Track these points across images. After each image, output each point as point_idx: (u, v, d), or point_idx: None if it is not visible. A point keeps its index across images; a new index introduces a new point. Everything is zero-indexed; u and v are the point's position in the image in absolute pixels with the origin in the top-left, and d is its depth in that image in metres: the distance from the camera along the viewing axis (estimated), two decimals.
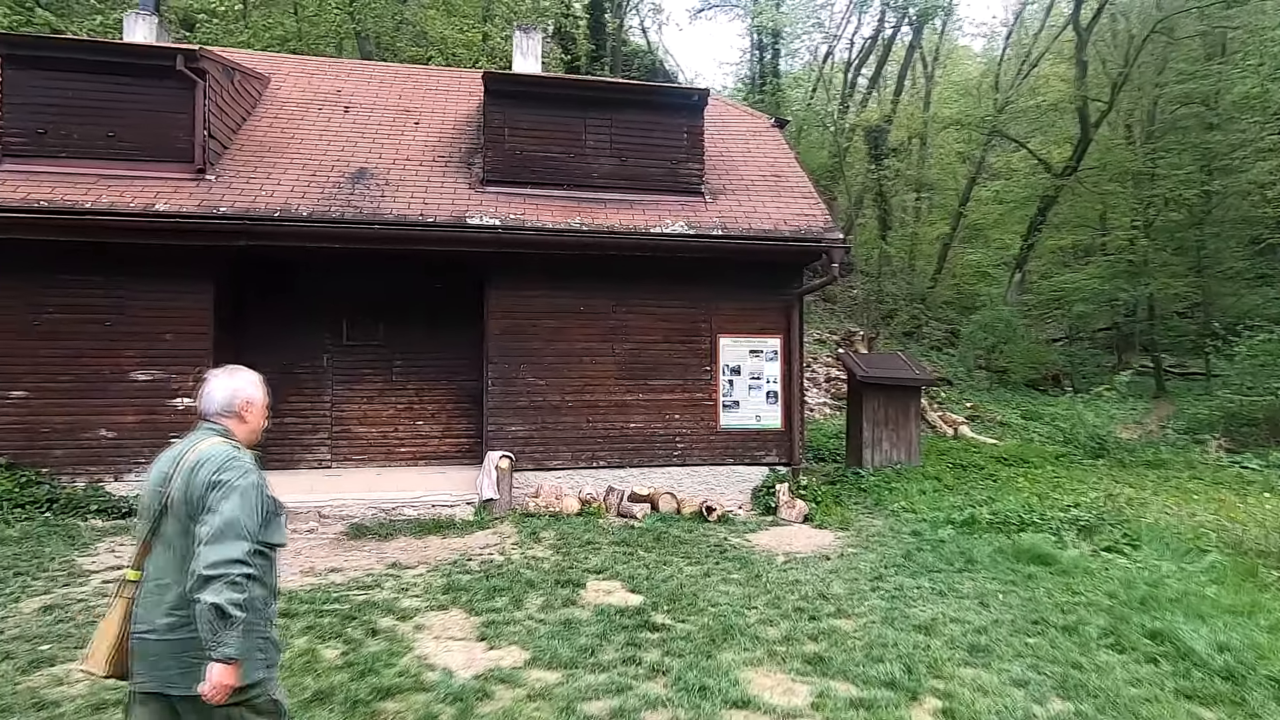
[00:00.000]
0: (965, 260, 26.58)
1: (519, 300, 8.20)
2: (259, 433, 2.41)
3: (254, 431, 2.40)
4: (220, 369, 2.42)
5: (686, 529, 7.45)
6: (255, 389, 2.41)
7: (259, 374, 2.45)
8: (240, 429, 2.34)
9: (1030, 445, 14.72)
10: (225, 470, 2.13)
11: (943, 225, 27.59)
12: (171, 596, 2.13)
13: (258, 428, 2.41)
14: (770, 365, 8.76)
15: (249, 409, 2.36)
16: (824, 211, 8.70)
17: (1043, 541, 6.75)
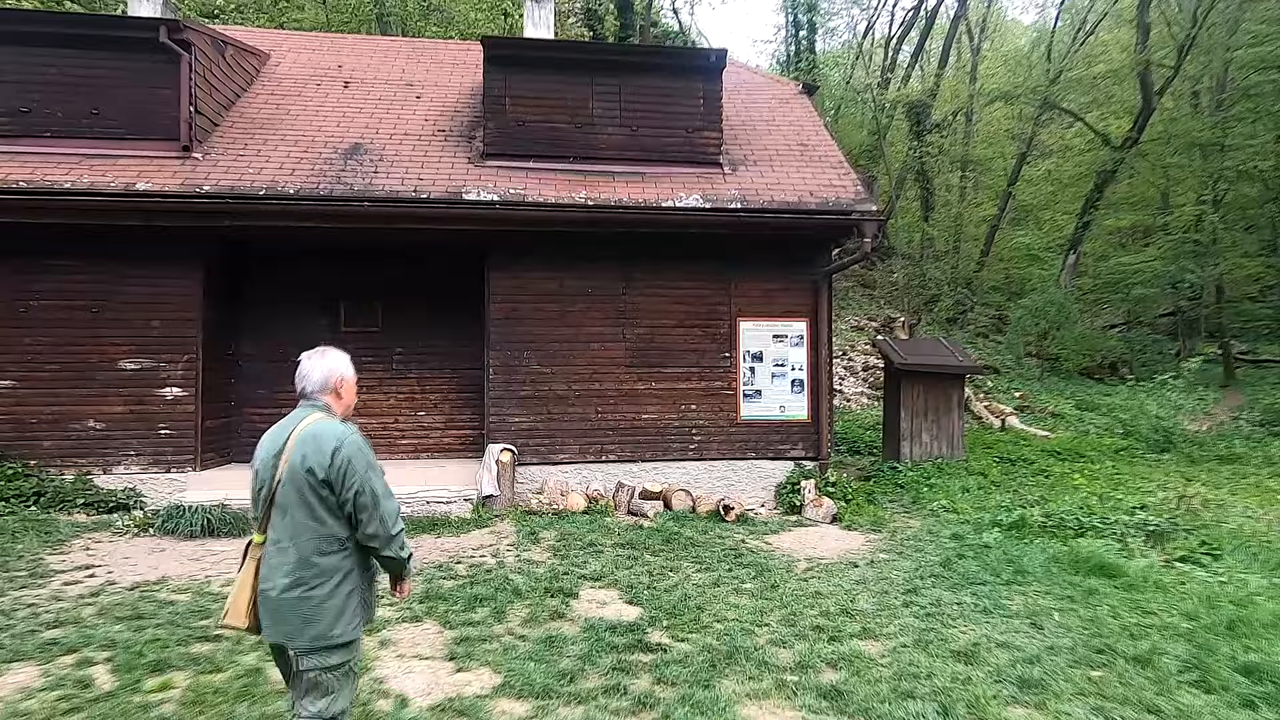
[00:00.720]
0: (1014, 243, 25.12)
1: (521, 282, 7.64)
2: (352, 407, 2.62)
3: (348, 406, 2.60)
4: (312, 351, 2.58)
5: (700, 530, 6.83)
6: (348, 367, 2.60)
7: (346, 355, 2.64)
8: (338, 404, 2.54)
9: (1086, 438, 13.64)
10: (348, 449, 2.35)
11: (990, 206, 26.14)
12: (290, 558, 2.34)
13: (351, 403, 2.61)
14: (795, 351, 8.05)
15: (344, 385, 2.56)
16: (855, 182, 7.92)
17: (1105, 549, 5.93)
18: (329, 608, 2.35)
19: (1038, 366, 20.53)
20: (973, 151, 25.98)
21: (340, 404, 2.56)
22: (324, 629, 2.34)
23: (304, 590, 2.33)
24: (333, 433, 2.37)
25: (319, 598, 2.33)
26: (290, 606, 2.33)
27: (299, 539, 2.33)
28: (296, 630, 2.33)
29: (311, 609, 2.32)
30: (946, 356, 10.92)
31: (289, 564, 2.34)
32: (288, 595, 2.33)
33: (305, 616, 2.32)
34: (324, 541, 2.35)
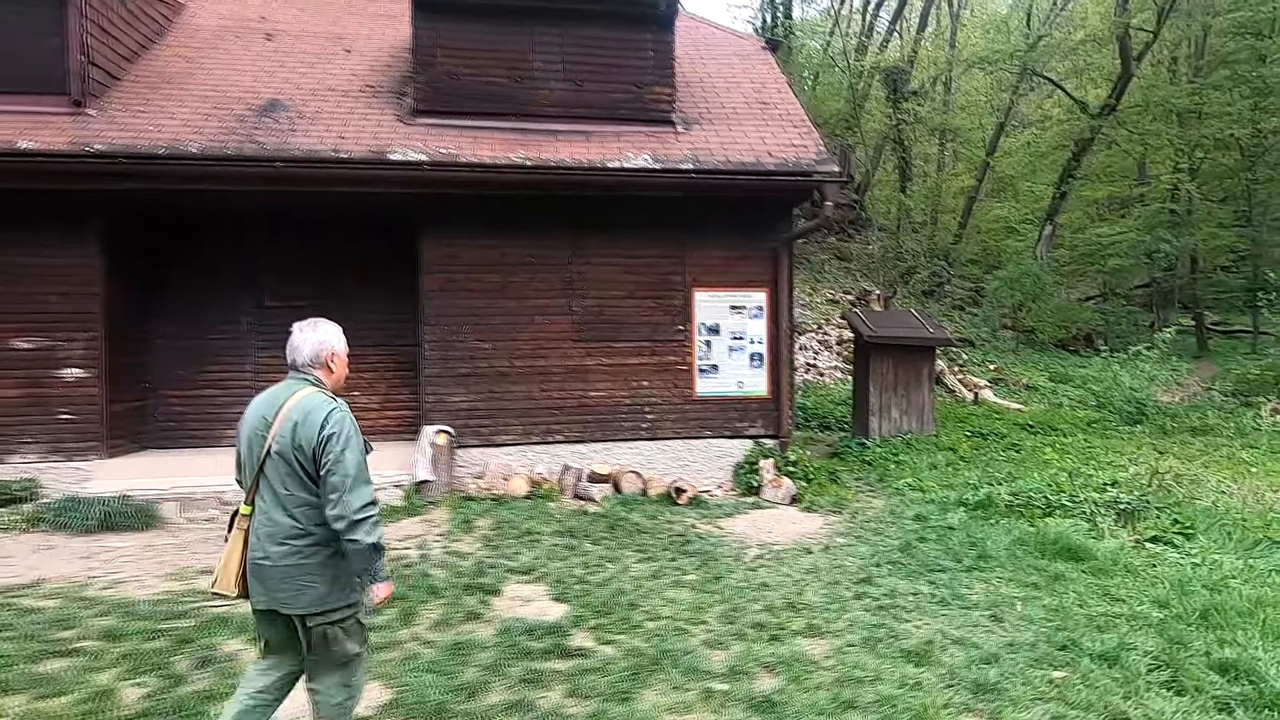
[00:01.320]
0: (992, 215, 24.80)
1: (457, 251, 7.08)
2: (343, 380, 2.58)
3: (339, 380, 2.57)
4: (304, 323, 2.54)
5: (649, 514, 6.39)
6: (339, 341, 2.56)
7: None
8: (328, 378, 2.52)
9: (1059, 411, 13.42)
10: (332, 422, 2.33)
11: (968, 177, 25.75)
12: (284, 527, 2.34)
13: (342, 376, 2.58)
14: (755, 323, 7.58)
15: (335, 359, 2.53)
16: (817, 142, 7.40)
17: (1073, 530, 5.59)
18: (325, 574, 2.37)
19: (1013, 339, 20.34)
20: (951, 120, 25.51)
21: (331, 378, 2.54)
22: (316, 597, 2.36)
23: (299, 558, 2.34)
24: (323, 408, 2.37)
25: (313, 565, 2.35)
26: (285, 574, 2.34)
27: (292, 509, 2.35)
28: (292, 597, 2.35)
29: (306, 575, 2.34)
30: (917, 328, 10.53)
31: (282, 533, 2.34)
32: (283, 564, 2.33)
33: (301, 583, 2.34)
34: (318, 511, 2.34)
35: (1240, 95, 19.23)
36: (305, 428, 2.33)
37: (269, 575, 2.35)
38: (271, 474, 2.36)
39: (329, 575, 2.38)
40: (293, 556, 2.34)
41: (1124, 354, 13.33)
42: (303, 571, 2.34)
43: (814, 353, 18.00)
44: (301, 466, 2.34)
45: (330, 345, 2.53)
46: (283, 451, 2.34)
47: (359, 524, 2.30)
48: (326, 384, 2.51)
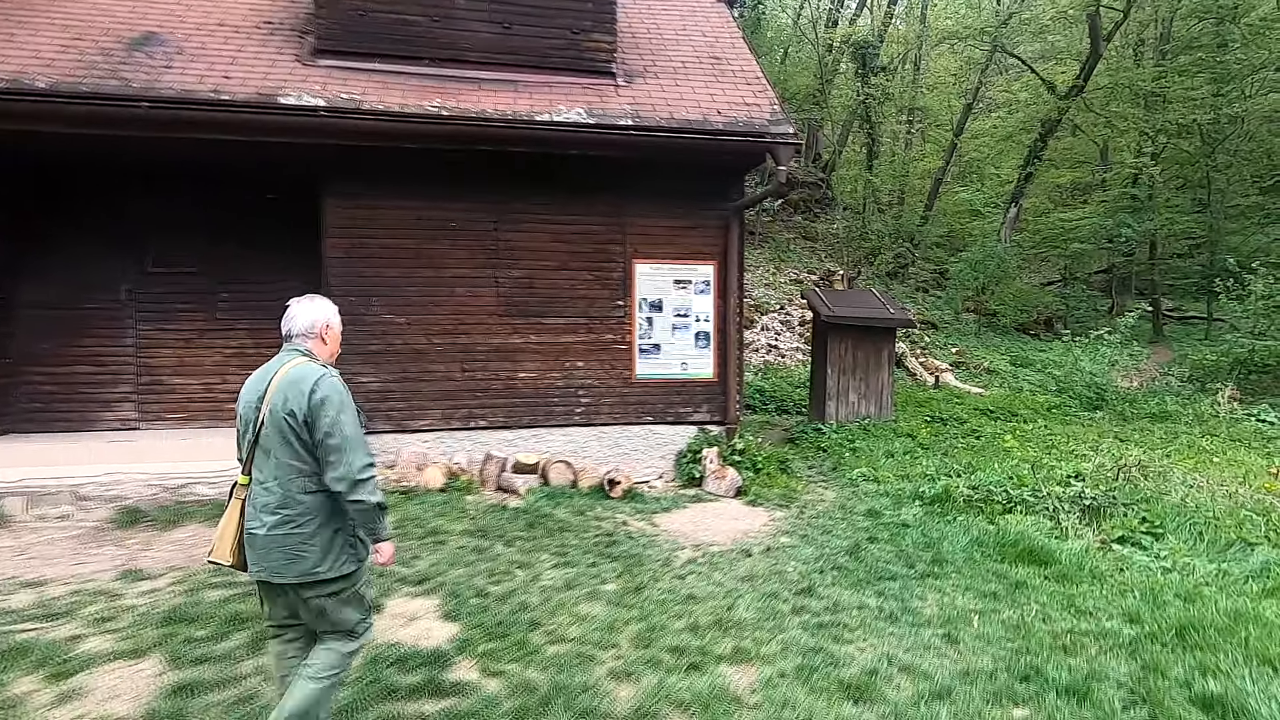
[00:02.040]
0: (958, 198, 24.54)
1: (367, 213, 6.27)
2: (336, 355, 2.65)
3: (333, 354, 2.64)
4: (301, 296, 2.59)
5: (577, 509, 5.76)
6: (334, 315, 2.63)
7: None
8: (322, 350, 2.57)
9: (1020, 395, 13.14)
10: (323, 388, 2.37)
11: (935, 159, 25.44)
12: (276, 497, 2.37)
13: (335, 351, 2.65)
14: (701, 299, 6.94)
15: (329, 332, 2.60)
16: (772, 101, 6.73)
17: (1035, 529, 5.12)
18: (315, 544, 2.38)
19: (975, 322, 20.14)
20: (920, 99, 25.09)
21: (324, 350, 2.58)
22: (311, 565, 2.37)
23: (291, 528, 2.36)
24: (312, 376, 2.40)
25: (304, 535, 2.37)
26: (277, 543, 2.36)
27: (284, 479, 2.37)
28: (284, 566, 2.36)
29: (297, 545, 2.36)
30: (877, 308, 10.03)
31: (274, 503, 2.36)
32: (275, 533, 2.36)
33: (292, 553, 2.36)
34: (309, 480, 2.38)
35: (1203, 80, 19.13)
36: (296, 396, 2.35)
37: (261, 544, 2.37)
38: (265, 444, 2.39)
39: (320, 545, 2.39)
40: (285, 525, 2.36)
41: (1085, 338, 13.09)
42: (295, 541, 2.35)
43: (775, 333, 17.55)
44: (295, 434, 2.36)
45: (325, 318, 2.57)
46: (275, 421, 2.36)
47: (362, 484, 2.34)
48: (319, 355, 2.54)
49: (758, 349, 16.79)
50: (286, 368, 2.43)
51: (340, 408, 2.37)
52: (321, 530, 2.39)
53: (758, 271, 19.77)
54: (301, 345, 2.52)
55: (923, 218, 23.97)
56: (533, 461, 6.28)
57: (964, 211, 25.23)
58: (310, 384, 2.36)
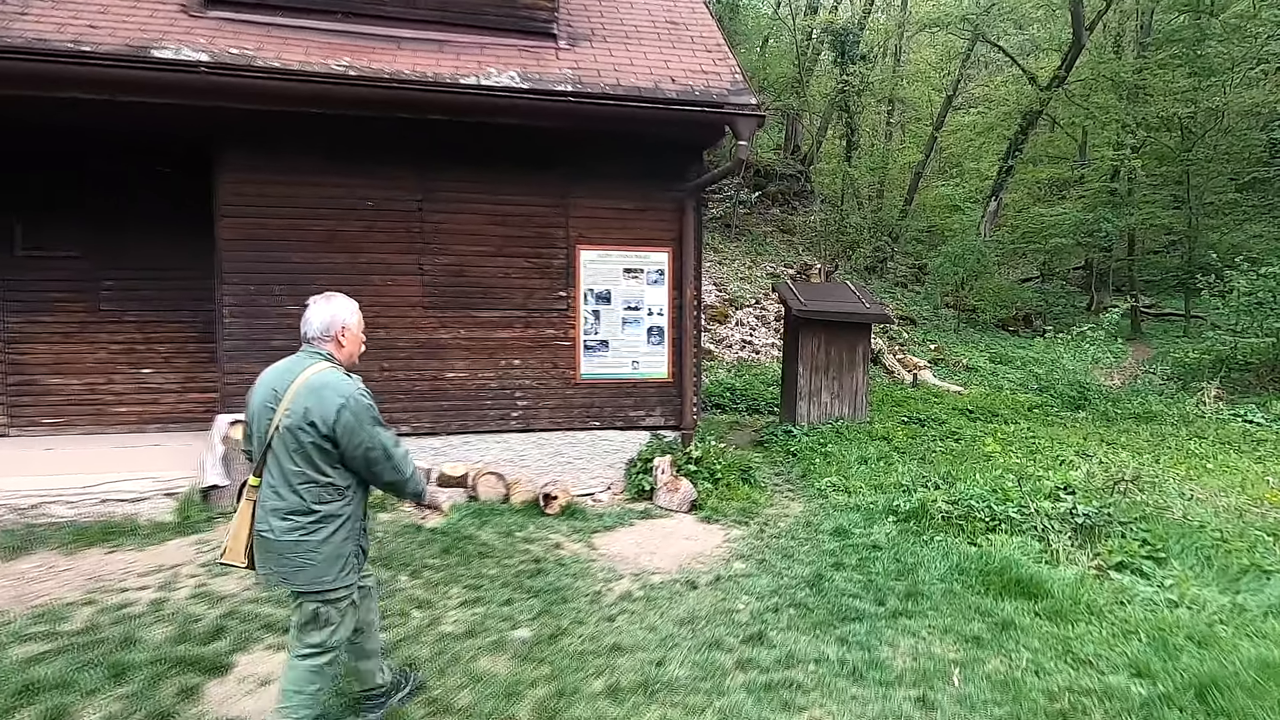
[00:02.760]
0: (938, 192, 24.11)
1: (268, 190, 5.48)
2: (356, 356, 2.57)
3: (351, 356, 2.55)
4: (319, 295, 2.52)
5: (505, 530, 5.03)
6: (351, 315, 2.53)
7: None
8: (339, 352, 2.50)
9: (1000, 394, 12.61)
10: (352, 407, 2.33)
11: (915, 153, 24.97)
12: (288, 503, 2.34)
13: (354, 353, 2.56)
14: (654, 290, 6.23)
15: (345, 334, 2.51)
16: (733, 69, 6.03)
17: (1023, 553, 4.49)
18: (324, 553, 2.35)
19: (955, 318, 19.71)
20: (900, 90, 24.58)
21: (342, 352, 2.50)
22: (318, 573, 2.36)
23: (301, 534, 2.32)
24: (337, 389, 2.33)
25: (314, 543, 2.34)
26: (287, 549, 2.33)
27: (297, 486, 2.33)
28: (291, 573, 2.35)
29: (306, 553, 2.33)
30: (852, 303, 9.40)
31: (285, 508, 2.32)
32: (285, 539, 2.33)
33: (300, 561, 2.34)
34: (324, 490, 2.35)
35: (1182, 74, 18.81)
36: (320, 407, 2.29)
37: (271, 549, 2.35)
38: (279, 449, 2.33)
39: (329, 554, 2.37)
40: (295, 532, 2.33)
41: (1067, 335, 12.61)
42: (303, 548, 2.33)
43: (750, 329, 16.98)
44: (316, 446, 2.31)
45: (341, 319, 2.49)
46: (292, 428, 2.30)
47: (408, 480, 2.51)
48: (339, 359, 2.47)
49: (731, 345, 16.20)
50: (308, 373, 2.35)
51: (374, 421, 2.38)
52: (332, 538, 2.37)
53: (733, 265, 19.17)
54: (320, 349, 2.44)
55: (902, 212, 23.51)
56: (459, 474, 5.54)
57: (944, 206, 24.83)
58: (337, 400, 2.30)
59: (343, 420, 2.29)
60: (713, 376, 13.20)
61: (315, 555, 2.34)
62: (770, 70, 23.49)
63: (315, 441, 2.30)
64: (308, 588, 2.35)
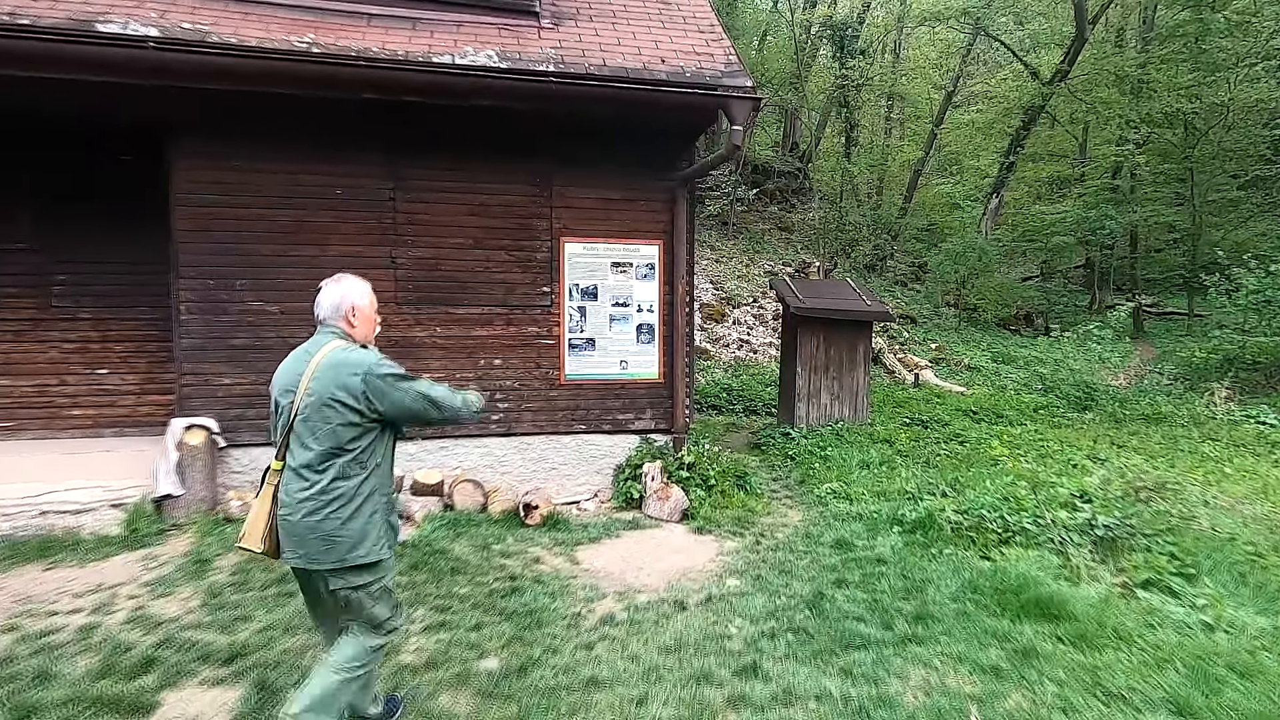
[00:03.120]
0: (938, 190, 23.77)
1: (228, 178, 5.11)
2: (371, 338, 2.55)
3: (366, 336, 2.52)
4: (330, 279, 2.52)
5: (481, 543, 4.67)
6: (361, 296, 2.51)
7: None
8: (353, 332, 2.47)
9: (1004, 395, 12.26)
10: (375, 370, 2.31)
11: (915, 150, 24.63)
12: (310, 483, 2.30)
13: (368, 333, 2.53)
14: (644, 286, 5.87)
15: (356, 313, 2.48)
16: (727, 50, 5.67)
17: (1041, 568, 4.13)
18: (351, 530, 2.32)
19: (955, 316, 19.37)
20: (899, 85, 24.25)
21: (356, 333, 2.48)
22: (346, 551, 2.32)
23: (328, 512, 2.29)
24: (354, 361, 2.33)
25: (340, 519, 2.31)
26: (312, 529, 2.29)
27: (320, 464, 2.30)
28: (320, 553, 2.31)
29: (333, 531, 2.30)
30: (853, 300, 9.04)
31: (309, 489, 2.29)
32: (309, 519, 2.29)
33: (327, 540, 2.30)
34: (347, 465, 2.32)
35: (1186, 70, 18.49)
36: (339, 383, 2.29)
37: (295, 530, 2.31)
38: (301, 429, 2.31)
39: (358, 530, 2.33)
40: (322, 510, 2.29)
41: (1073, 334, 12.27)
42: (333, 526, 2.29)
43: (748, 327, 16.66)
44: (344, 415, 2.29)
45: (350, 300, 2.47)
46: (318, 405, 2.29)
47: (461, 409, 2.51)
48: (354, 338, 2.46)
49: (728, 344, 15.88)
50: (325, 350, 2.35)
51: (397, 379, 2.35)
52: (359, 514, 2.33)
53: (730, 263, 18.87)
54: (335, 328, 2.44)
55: (902, 209, 23.18)
56: (434, 481, 5.18)
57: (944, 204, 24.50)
58: (357, 370, 2.30)
59: (373, 387, 2.29)
60: (709, 376, 12.86)
61: (344, 532, 2.30)
62: (769, 66, 23.15)
63: (341, 415, 2.28)
64: (339, 564, 2.30)
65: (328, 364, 2.32)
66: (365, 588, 2.38)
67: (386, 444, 2.45)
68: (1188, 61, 18.45)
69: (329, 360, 2.33)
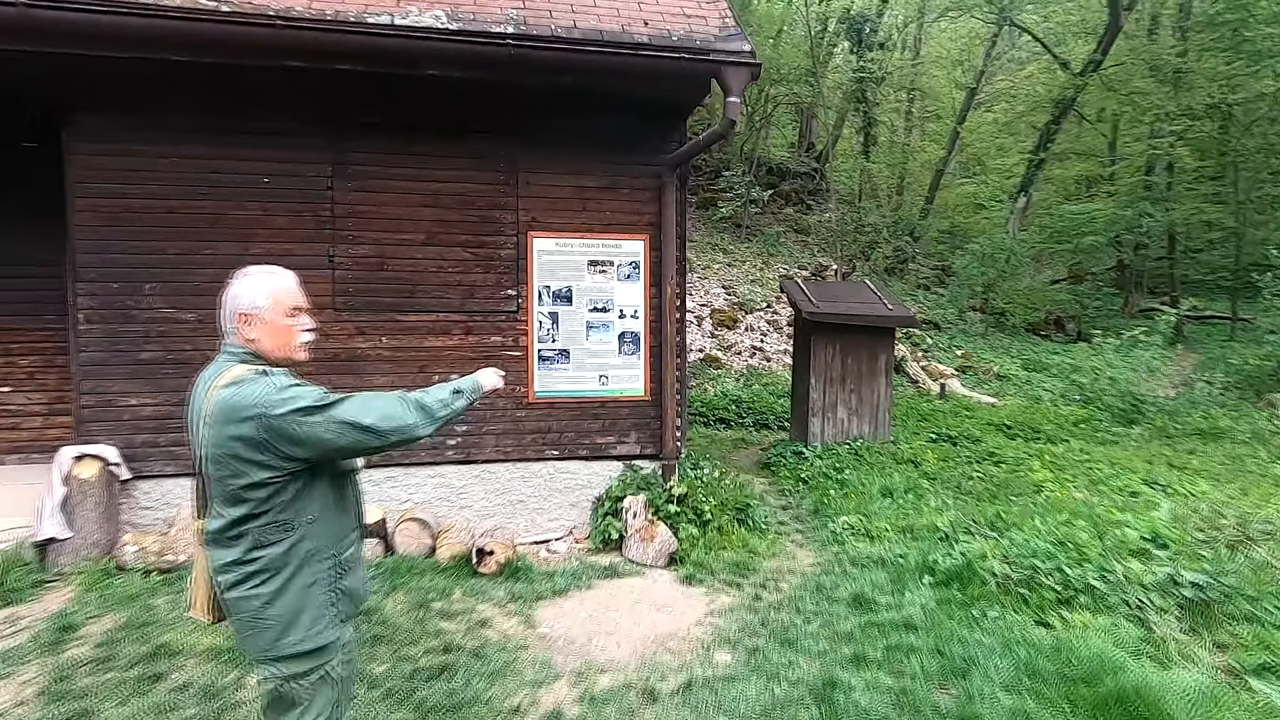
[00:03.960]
0: (961, 190, 22.75)
1: (134, 164, 4.38)
2: (290, 348, 1.86)
3: (281, 348, 1.85)
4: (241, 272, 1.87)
5: (420, 598, 3.85)
6: (258, 296, 1.82)
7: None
8: (256, 347, 1.83)
9: (1039, 407, 11.25)
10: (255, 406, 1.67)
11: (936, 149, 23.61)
12: (226, 550, 1.76)
13: (284, 343, 1.85)
14: (627, 288, 5.04)
15: (251, 324, 1.82)
16: (722, 12, 4.85)
17: (1118, 641, 3.22)
18: (277, 611, 1.74)
19: (981, 322, 18.31)
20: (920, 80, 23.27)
21: (259, 347, 1.82)
22: (273, 638, 1.74)
23: (247, 588, 1.74)
24: (245, 403, 1.69)
25: (262, 598, 1.73)
26: (233, 607, 1.76)
27: (230, 533, 1.75)
28: (243, 640, 1.79)
29: (254, 614, 1.74)
30: (872, 303, 8.14)
31: (225, 560, 1.75)
32: (230, 594, 1.76)
33: (250, 625, 1.75)
34: (263, 532, 1.73)
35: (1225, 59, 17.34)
36: (234, 427, 1.68)
37: (224, 607, 1.80)
38: (212, 485, 1.77)
39: (283, 615, 1.75)
40: (238, 588, 1.74)
41: (1117, 340, 11.24)
42: (249, 609, 1.74)
43: (761, 334, 15.83)
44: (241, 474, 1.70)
45: (245, 301, 1.81)
46: (212, 459, 1.73)
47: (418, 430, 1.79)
48: (265, 354, 1.82)
49: (740, 352, 15.05)
50: (218, 384, 1.74)
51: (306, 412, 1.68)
52: (288, 588, 1.74)
53: (743, 267, 18.06)
54: (234, 347, 1.82)
55: (923, 210, 22.16)
56: (372, 520, 4.37)
57: (967, 205, 23.45)
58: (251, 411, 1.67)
59: (275, 433, 1.67)
60: (719, 387, 12.02)
61: (268, 615, 1.75)
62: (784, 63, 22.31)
63: (242, 474, 1.71)
64: (263, 656, 1.77)
65: (216, 409, 1.72)
66: (302, 676, 1.79)
67: (326, 487, 1.82)
68: (1229, 51, 17.31)
69: (216, 404, 1.72)
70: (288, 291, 1.86)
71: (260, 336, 1.83)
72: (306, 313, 1.90)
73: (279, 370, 1.80)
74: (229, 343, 1.85)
